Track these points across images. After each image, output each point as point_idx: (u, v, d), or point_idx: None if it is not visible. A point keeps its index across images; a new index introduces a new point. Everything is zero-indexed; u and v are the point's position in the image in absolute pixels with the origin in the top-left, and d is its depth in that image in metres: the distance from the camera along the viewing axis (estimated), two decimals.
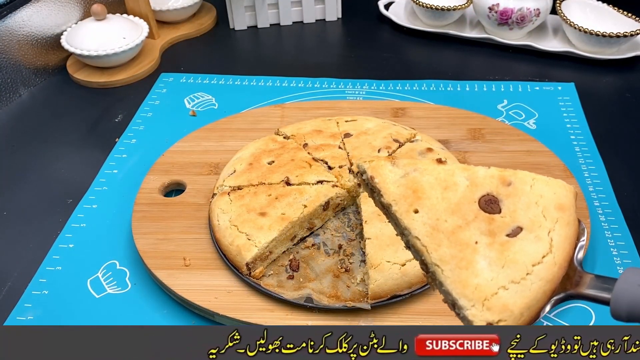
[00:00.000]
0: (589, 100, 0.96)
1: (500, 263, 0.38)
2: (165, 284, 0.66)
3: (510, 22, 1.06)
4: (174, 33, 1.18)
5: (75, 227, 0.77)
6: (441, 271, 0.38)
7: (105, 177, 0.85)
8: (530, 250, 0.38)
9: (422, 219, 0.40)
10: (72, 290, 0.69)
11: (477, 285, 0.37)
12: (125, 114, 0.98)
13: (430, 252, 0.39)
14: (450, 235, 0.39)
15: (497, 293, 0.37)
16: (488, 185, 0.41)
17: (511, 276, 0.37)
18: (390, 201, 0.42)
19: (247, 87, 1.03)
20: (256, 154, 0.78)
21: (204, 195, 0.78)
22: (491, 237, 0.39)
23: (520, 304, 0.37)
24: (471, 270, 0.38)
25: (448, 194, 0.41)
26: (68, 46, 1.04)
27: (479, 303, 0.37)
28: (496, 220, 0.39)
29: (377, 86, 1.01)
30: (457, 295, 0.37)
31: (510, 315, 0.36)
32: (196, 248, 0.70)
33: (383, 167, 0.43)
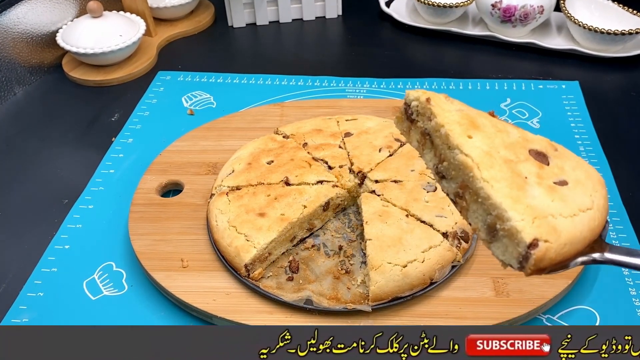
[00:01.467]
0: (593, 98, 0.96)
1: (549, 198, 0.39)
2: (162, 285, 0.66)
3: (513, 19, 1.06)
4: (172, 30, 1.18)
5: (71, 227, 0.77)
6: (491, 186, 0.39)
7: (102, 177, 0.85)
8: (577, 199, 0.40)
9: (476, 143, 0.42)
10: (68, 292, 0.69)
11: (529, 204, 0.38)
12: (122, 112, 0.98)
13: (481, 169, 0.40)
14: (502, 163, 0.40)
15: (546, 217, 0.38)
16: (538, 143, 0.43)
17: (560, 210, 0.38)
18: (444, 122, 0.43)
19: (245, 85, 1.03)
20: (255, 153, 0.78)
21: (202, 195, 0.78)
22: (539, 179, 0.40)
23: (567, 234, 0.38)
24: (522, 192, 0.39)
25: (502, 135, 0.43)
26: (64, 44, 1.04)
27: (529, 218, 0.37)
28: (545, 169, 0.41)
29: (378, 84, 1.01)
30: (506, 207, 0.38)
31: (557, 239, 0.37)
32: (194, 249, 0.70)
33: (439, 97, 0.45)
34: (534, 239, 0.37)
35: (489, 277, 0.66)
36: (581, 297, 0.66)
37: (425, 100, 0.44)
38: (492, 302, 0.63)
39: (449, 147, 0.43)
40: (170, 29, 1.18)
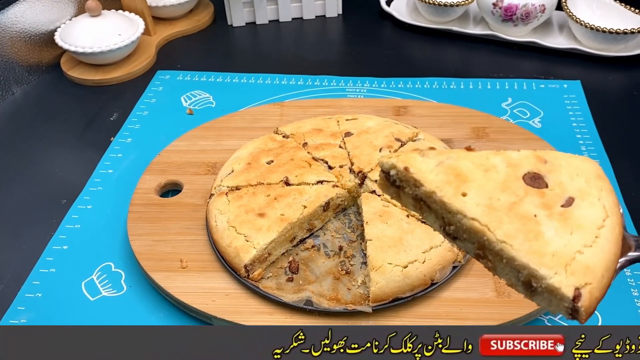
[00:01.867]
0: (595, 98, 0.96)
1: (567, 230, 0.38)
2: (161, 286, 0.66)
3: (514, 18, 1.06)
4: (171, 29, 1.18)
5: (69, 228, 0.77)
6: (510, 246, 0.38)
7: (100, 177, 0.85)
8: (592, 216, 0.38)
9: (474, 201, 0.40)
10: (66, 293, 0.69)
11: (554, 252, 0.37)
12: (121, 112, 0.98)
13: (493, 230, 0.39)
14: (507, 212, 0.39)
15: (574, 258, 0.37)
16: (526, 164, 0.41)
17: (583, 240, 0.37)
18: (434, 188, 0.41)
19: (245, 85, 1.03)
20: (255, 153, 0.78)
21: (201, 195, 0.78)
22: (547, 210, 0.39)
23: (600, 265, 0.37)
24: (541, 241, 0.38)
25: (491, 174, 0.41)
26: (62, 43, 1.04)
27: (562, 269, 0.36)
28: (547, 194, 0.40)
29: (379, 84, 1.01)
30: (536, 266, 0.37)
31: (594, 277, 0.36)
32: (193, 250, 0.70)
33: (414, 158, 0.43)
34: (575, 289, 0.36)
35: (490, 277, 0.66)
36: None
37: (403, 169, 0.42)
38: (493, 302, 0.63)
39: (449, 212, 0.41)
40: (170, 28, 1.18)
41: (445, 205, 0.41)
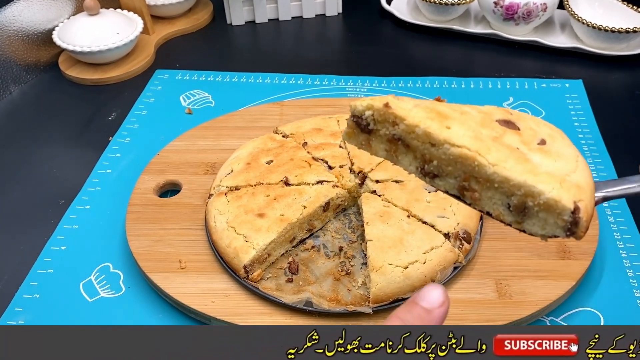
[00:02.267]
0: (597, 97, 0.96)
1: (551, 159, 0.40)
2: (160, 287, 0.66)
3: (516, 17, 1.06)
4: (170, 28, 1.18)
5: (67, 228, 0.77)
6: (504, 168, 0.39)
7: (99, 177, 0.85)
8: (566, 152, 0.41)
9: (459, 132, 0.41)
10: (64, 294, 0.69)
11: (547, 172, 0.38)
12: (119, 112, 0.98)
13: (483, 154, 0.39)
14: (493, 143, 0.40)
15: (566, 178, 0.39)
16: (496, 113, 0.44)
17: (567, 167, 0.39)
18: (417, 122, 0.41)
19: (244, 84, 1.03)
20: (254, 153, 0.78)
21: (200, 195, 0.78)
22: (526, 145, 0.41)
23: (587, 185, 0.39)
24: (532, 164, 0.39)
25: (468, 116, 0.42)
26: (60, 42, 1.04)
27: (557, 184, 0.38)
28: (523, 134, 0.42)
29: (379, 83, 1.01)
30: (532, 182, 0.38)
31: (585, 195, 0.38)
32: (192, 250, 0.70)
33: (391, 98, 0.43)
34: (574, 203, 0.37)
35: (491, 278, 0.66)
36: (585, 298, 0.66)
37: (383, 106, 0.42)
38: (494, 303, 0.63)
39: (432, 145, 0.41)
40: (168, 27, 1.18)
41: (431, 136, 0.41)
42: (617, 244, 0.72)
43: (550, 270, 0.66)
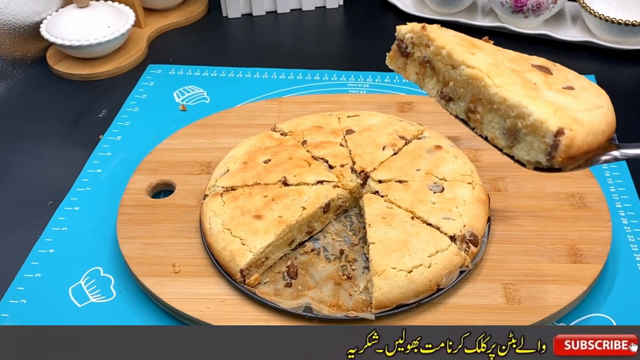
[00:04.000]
0: (609, 93, 0.95)
1: (563, 97, 0.43)
2: (152, 292, 0.66)
3: (525, 9, 1.06)
4: (163, 21, 1.18)
5: (55, 230, 0.77)
6: (506, 90, 0.43)
7: (88, 177, 0.85)
8: (589, 98, 0.44)
9: (480, 58, 0.46)
10: (53, 299, 0.69)
11: (548, 101, 0.42)
12: (110, 108, 0.98)
13: (492, 77, 0.44)
14: (511, 73, 0.45)
15: (566, 110, 0.42)
16: (537, 59, 0.48)
17: (576, 106, 0.43)
18: (444, 44, 0.47)
19: (241, 79, 1.03)
20: (251, 152, 0.78)
21: (195, 196, 0.78)
22: (548, 85, 0.45)
23: (588, 124, 0.42)
24: (538, 92, 0.43)
25: (502, 53, 0.47)
26: (48, 36, 1.04)
27: (550, 110, 0.41)
28: (550, 78, 0.46)
29: (382, 78, 1.01)
30: (526, 103, 0.42)
31: (580, 128, 0.41)
32: (186, 253, 0.70)
33: (431, 27, 0.50)
34: (559, 127, 0.40)
35: (499, 282, 0.66)
36: (597, 304, 0.66)
37: (420, 28, 0.49)
38: (502, 309, 0.63)
39: (453, 67, 0.47)
40: (161, 19, 1.18)
41: (452, 57, 0.47)
42: (631, 247, 0.72)
43: (561, 275, 0.66)
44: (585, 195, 0.75)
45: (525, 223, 0.72)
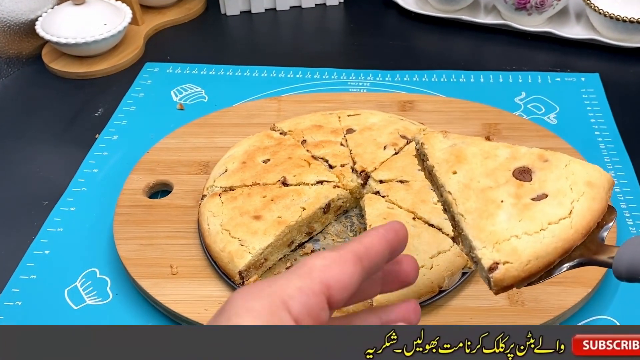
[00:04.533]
0: (615, 92, 0.96)
1: (518, 218, 0.45)
2: (150, 294, 0.66)
3: (528, 6, 1.06)
4: (160, 19, 1.18)
5: (51, 231, 0.77)
6: (465, 220, 0.46)
7: (85, 177, 0.85)
8: (550, 212, 0.45)
9: (458, 179, 0.49)
10: (48, 301, 0.69)
11: (492, 231, 0.45)
12: (107, 107, 0.98)
13: (458, 204, 0.48)
14: (479, 193, 0.47)
15: (509, 239, 0.44)
16: (526, 159, 0.49)
17: (525, 228, 0.44)
18: (434, 163, 0.51)
19: (240, 78, 1.03)
20: (250, 151, 0.78)
21: (193, 196, 0.78)
22: (517, 199, 0.46)
23: (529, 251, 0.43)
24: (490, 220, 0.45)
25: (487, 162, 0.49)
26: (43, 33, 1.04)
27: (490, 245, 0.44)
28: (525, 186, 0.47)
29: (383, 77, 1.01)
30: (472, 238, 0.45)
31: (517, 259, 0.43)
32: (184, 255, 0.70)
33: (435, 137, 0.53)
34: (493, 263, 0.43)
35: None
36: (602, 306, 0.66)
37: (421, 144, 0.53)
38: (505, 311, 0.63)
39: (437, 184, 0.51)
40: (159, 17, 1.18)
41: (436, 177, 0.51)
42: None
43: (565, 276, 0.65)
44: None
45: None
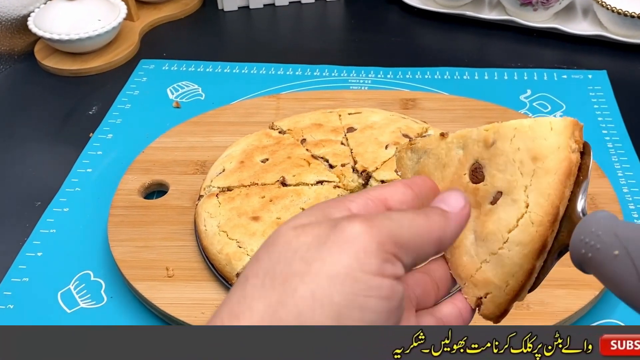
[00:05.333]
0: (623, 90, 0.96)
1: (482, 236, 0.40)
2: (145, 297, 0.66)
3: (534, 2, 1.06)
4: (156, 14, 1.18)
5: (44, 233, 0.78)
6: (446, 253, 0.42)
7: (78, 177, 0.85)
8: (505, 217, 0.39)
9: None
10: (41, 305, 0.69)
11: (465, 264, 0.41)
12: (101, 105, 0.98)
13: None
14: None
15: (480, 267, 0.41)
16: (475, 152, 0.41)
17: (490, 248, 0.40)
18: None
19: (237, 75, 1.03)
20: (248, 150, 0.78)
21: (189, 197, 0.78)
22: (478, 209, 0.40)
23: (501, 274, 0.40)
24: (462, 248, 0.41)
25: (445, 171, 0.43)
26: (36, 29, 1.04)
27: (468, 281, 0.41)
28: (480, 190, 0.40)
29: (385, 74, 1.01)
30: (455, 277, 0.42)
31: (494, 287, 0.41)
32: (180, 257, 0.71)
33: (404, 158, 0.45)
34: (477, 299, 0.41)
35: None
36: (608, 310, 0.66)
37: (397, 159, 0.46)
38: (510, 315, 0.63)
39: None
40: (154, 12, 1.18)
41: None
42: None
43: (572, 279, 0.66)
44: (598, 195, 0.75)
45: None
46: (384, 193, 0.36)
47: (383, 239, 0.32)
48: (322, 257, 0.31)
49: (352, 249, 0.31)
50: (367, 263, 0.31)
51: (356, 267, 0.31)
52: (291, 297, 0.31)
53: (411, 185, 0.38)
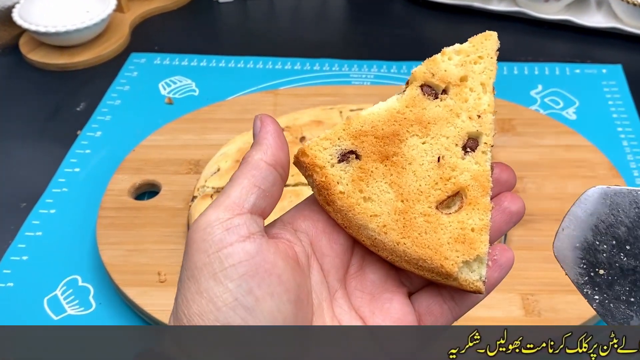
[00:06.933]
0: (638, 84, 0.96)
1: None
2: (136, 303, 0.67)
3: None
4: (147, 6, 1.18)
5: (29, 236, 0.78)
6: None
7: (65, 177, 0.85)
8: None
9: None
10: (26, 311, 0.69)
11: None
12: (89, 101, 0.98)
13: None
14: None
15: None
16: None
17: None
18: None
19: (233, 69, 1.03)
20: (244, 149, 0.79)
21: (183, 198, 0.78)
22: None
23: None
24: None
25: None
26: (21, 21, 1.04)
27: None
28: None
29: (388, 68, 1.01)
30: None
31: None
32: (173, 261, 0.71)
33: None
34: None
35: (516, 293, 0.66)
36: None
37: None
38: (520, 322, 0.64)
39: None
40: (145, 3, 1.18)
41: None
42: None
43: None
44: None
45: (545, 227, 0.72)
46: None
47: None
48: None
49: None
50: None
51: None
52: None
53: None
